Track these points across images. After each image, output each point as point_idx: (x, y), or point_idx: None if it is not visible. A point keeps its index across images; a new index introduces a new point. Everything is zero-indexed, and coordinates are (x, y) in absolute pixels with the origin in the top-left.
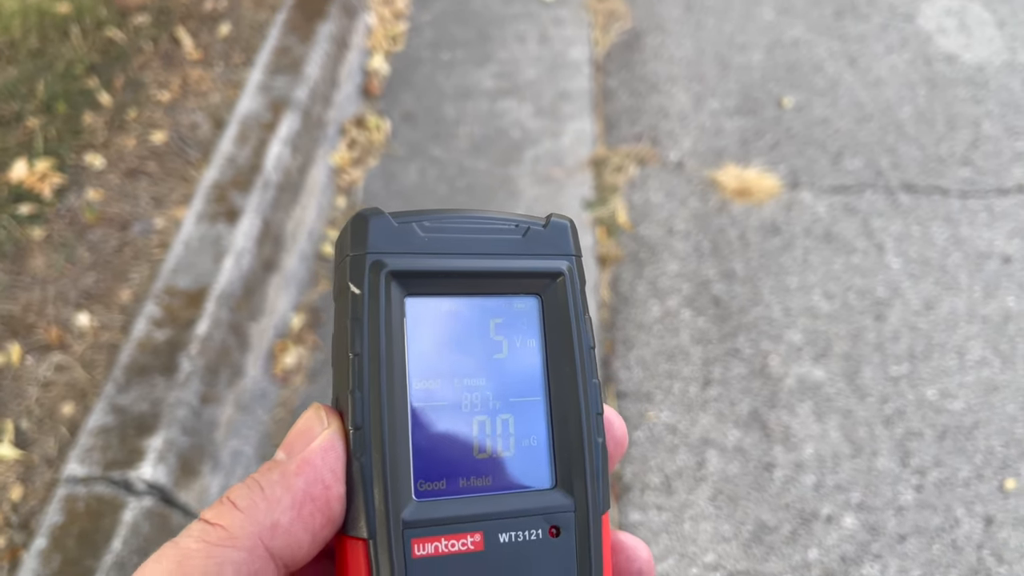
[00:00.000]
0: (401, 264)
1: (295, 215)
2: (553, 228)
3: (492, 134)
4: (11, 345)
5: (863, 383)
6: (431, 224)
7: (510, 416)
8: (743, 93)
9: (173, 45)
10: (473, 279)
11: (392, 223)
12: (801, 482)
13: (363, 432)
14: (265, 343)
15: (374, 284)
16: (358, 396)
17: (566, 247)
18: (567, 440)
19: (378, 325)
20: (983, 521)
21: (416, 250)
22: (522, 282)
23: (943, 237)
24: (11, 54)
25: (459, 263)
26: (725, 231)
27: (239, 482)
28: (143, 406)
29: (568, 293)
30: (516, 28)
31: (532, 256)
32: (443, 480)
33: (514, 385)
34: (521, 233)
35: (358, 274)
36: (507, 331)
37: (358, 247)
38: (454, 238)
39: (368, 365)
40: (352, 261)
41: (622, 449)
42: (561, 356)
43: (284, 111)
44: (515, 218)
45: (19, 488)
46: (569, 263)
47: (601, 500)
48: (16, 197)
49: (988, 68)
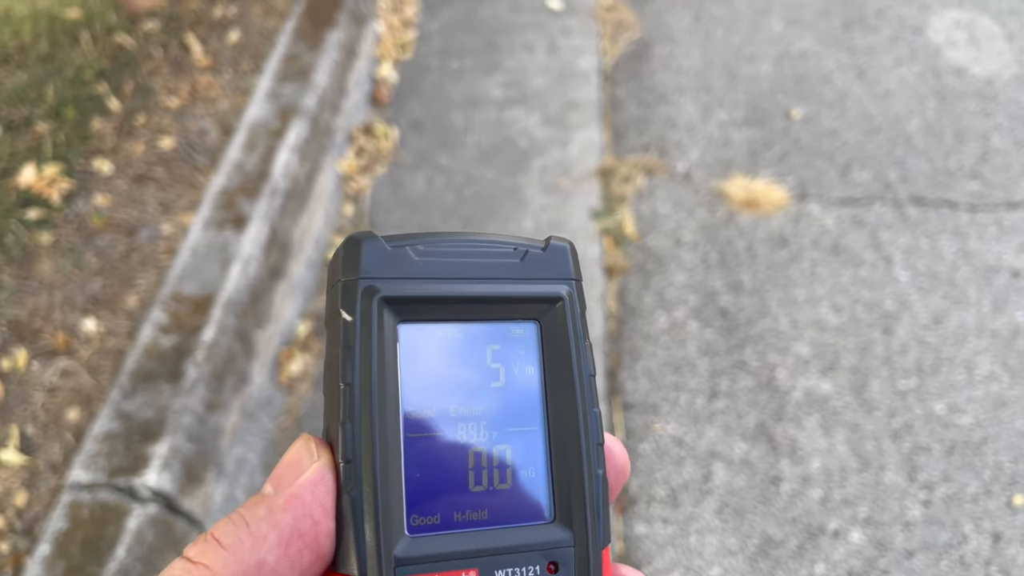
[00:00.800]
0: (394, 290)
1: (302, 222)
2: (552, 251)
3: (500, 143)
4: (17, 350)
5: (871, 397)
6: (426, 248)
7: (507, 447)
8: (751, 104)
9: (182, 51)
10: (469, 305)
11: (385, 247)
12: (808, 496)
13: (354, 465)
14: (271, 350)
15: (366, 310)
16: (348, 428)
17: (566, 271)
18: (566, 472)
19: (370, 353)
20: (991, 537)
21: (410, 275)
22: (520, 307)
23: (952, 251)
24: (21, 59)
25: (454, 288)
26: (733, 242)
27: (224, 517)
28: (148, 413)
29: (568, 319)
30: (524, 37)
31: (530, 280)
32: (437, 514)
33: (512, 414)
34: (519, 257)
35: (350, 300)
36: (504, 358)
37: (350, 272)
38: (450, 262)
39: (359, 395)
40: (344, 287)
41: (623, 478)
42: (561, 384)
43: (292, 118)
44: (513, 241)
45: (24, 494)
46: (569, 287)
47: (602, 534)
48: (24, 202)
49: (997, 81)
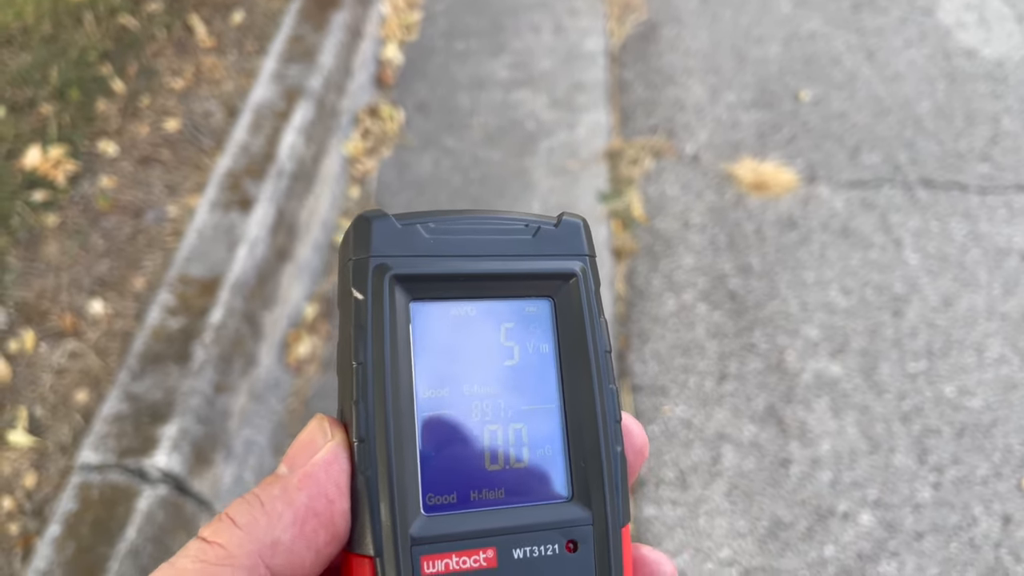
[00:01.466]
0: (406, 267)
1: (309, 204)
2: (565, 227)
3: (506, 125)
4: (25, 332)
5: (880, 379)
6: (437, 226)
7: (523, 425)
8: (760, 86)
9: (186, 33)
10: (482, 282)
11: (396, 225)
12: (817, 478)
13: (368, 444)
14: (279, 332)
15: (378, 289)
16: (362, 407)
17: (579, 247)
18: (583, 449)
19: (382, 332)
20: (1001, 520)
21: (421, 252)
22: (533, 284)
23: (962, 233)
24: (25, 40)
25: (466, 265)
26: (741, 225)
27: (239, 497)
28: (157, 394)
29: (582, 295)
30: (531, 18)
31: (543, 257)
32: (453, 493)
33: (527, 392)
34: (531, 233)
35: (361, 279)
36: (518, 336)
37: (361, 251)
38: (461, 240)
39: (372, 374)
40: (355, 265)
41: (642, 458)
42: (576, 361)
43: (298, 100)
44: (525, 218)
45: (33, 475)
46: (583, 263)
47: (621, 512)
48: (30, 184)
49: (1007, 63)
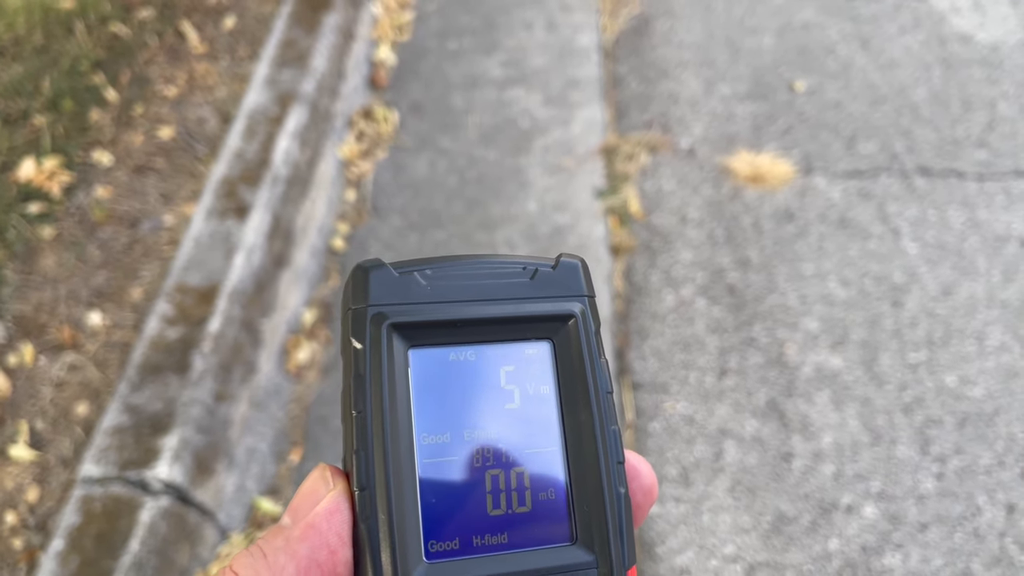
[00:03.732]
0: (403, 315)
1: (305, 209)
2: (563, 268)
3: (501, 123)
4: (24, 345)
5: (881, 371)
6: (434, 272)
7: (525, 469)
8: (754, 77)
9: (178, 39)
10: (480, 326)
11: (393, 273)
12: (820, 472)
13: (368, 493)
14: (277, 339)
15: (375, 338)
16: (362, 456)
17: (577, 288)
18: (586, 492)
19: (380, 380)
20: (1005, 509)
21: (419, 300)
22: (532, 327)
23: (960, 221)
24: (16, 51)
25: (464, 310)
26: (739, 218)
27: (243, 549)
28: (157, 405)
29: (581, 336)
30: (523, 15)
31: (542, 299)
32: (456, 539)
33: (528, 436)
34: (529, 276)
35: (360, 328)
36: (519, 379)
37: (359, 300)
38: (458, 285)
39: (371, 423)
40: (354, 315)
41: (652, 498)
42: (577, 403)
43: (291, 104)
44: (522, 260)
45: (35, 489)
46: (582, 304)
47: (626, 555)
48: (25, 196)
49: (1003, 48)
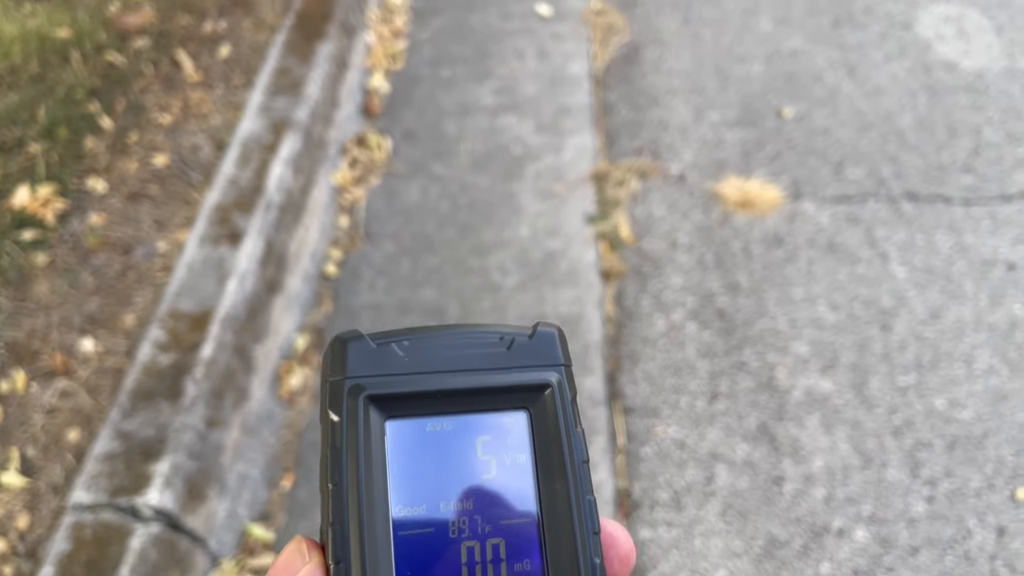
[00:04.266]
0: (380, 387)
1: (298, 235)
2: (540, 338)
3: (493, 150)
4: (16, 372)
5: (871, 394)
6: (411, 343)
7: (501, 540)
8: (743, 104)
9: (173, 68)
10: (457, 397)
11: (371, 345)
12: (811, 495)
13: (343, 566)
14: (270, 365)
15: (352, 410)
16: (337, 528)
17: (554, 357)
18: (561, 563)
19: (357, 452)
20: (995, 531)
21: (396, 371)
22: (508, 397)
23: (947, 245)
24: (12, 80)
25: (441, 381)
26: (728, 243)
27: None
28: (149, 431)
29: (558, 406)
30: (515, 44)
31: (518, 369)
32: None
33: (504, 506)
34: (506, 346)
35: (337, 400)
36: (495, 449)
37: (337, 372)
38: (436, 356)
39: (347, 495)
40: (332, 387)
41: (629, 566)
42: (553, 473)
43: (285, 132)
44: (499, 330)
45: (26, 516)
46: (558, 374)
47: None
48: (19, 223)
49: (987, 74)
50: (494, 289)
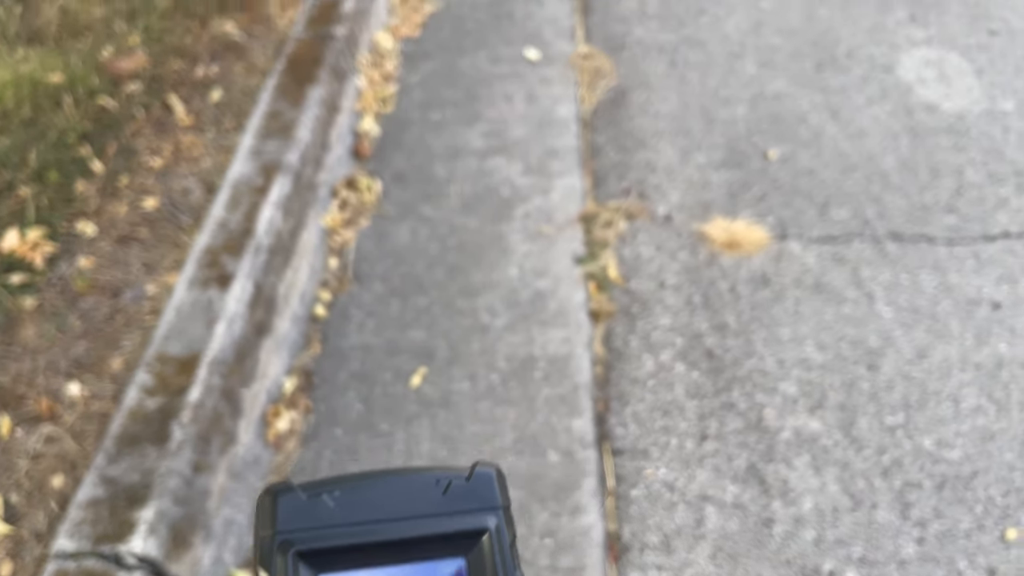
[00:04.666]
0: (310, 542)
1: (287, 278)
2: (477, 479)
3: (482, 192)
4: (1, 417)
5: (859, 434)
6: (342, 493)
7: None
8: (729, 146)
9: (165, 112)
10: (390, 548)
11: (301, 497)
12: (801, 537)
13: None
14: (258, 408)
15: (282, 568)
16: None
17: (492, 500)
18: None
19: None
20: (986, 572)
21: (327, 523)
22: (444, 544)
23: (932, 285)
24: (3, 124)
25: (373, 532)
26: (716, 284)
27: None
28: (134, 477)
29: (495, 550)
30: (504, 88)
31: (454, 514)
32: None
33: None
34: (442, 489)
35: (267, 557)
36: None
37: (266, 527)
38: (368, 505)
39: None
40: (262, 543)
41: None
42: None
43: (275, 175)
44: (435, 474)
45: (8, 565)
46: (495, 517)
47: None
48: (8, 267)
49: (968, 116)
50: (483, 330)
